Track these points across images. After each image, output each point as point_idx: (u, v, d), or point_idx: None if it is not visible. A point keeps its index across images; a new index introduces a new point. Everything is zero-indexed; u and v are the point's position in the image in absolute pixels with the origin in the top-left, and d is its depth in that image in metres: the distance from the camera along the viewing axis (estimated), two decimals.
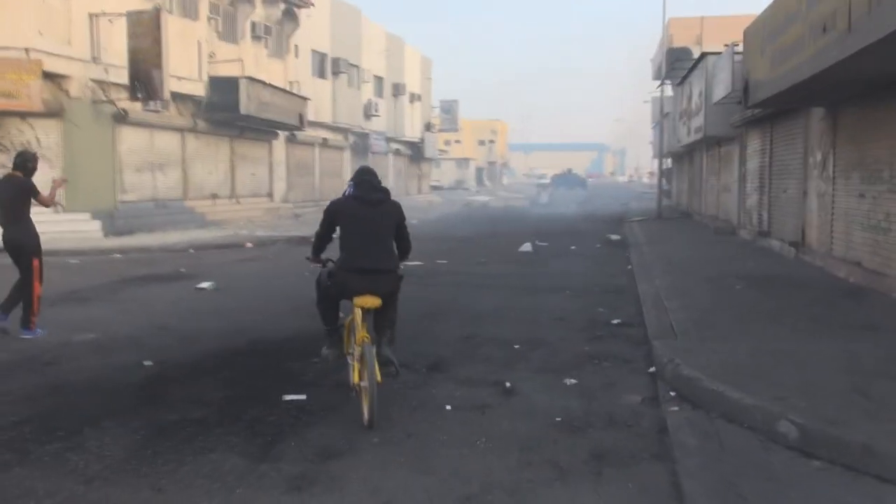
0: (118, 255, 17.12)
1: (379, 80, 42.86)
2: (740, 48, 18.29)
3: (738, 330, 8.37)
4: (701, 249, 18.15)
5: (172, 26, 21.14)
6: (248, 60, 26.97)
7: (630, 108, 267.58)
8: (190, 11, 24.08)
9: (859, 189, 11.92)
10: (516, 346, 8.04)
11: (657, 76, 41.08)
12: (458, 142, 79.75)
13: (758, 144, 19.58)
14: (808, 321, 8.84)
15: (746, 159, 21.09)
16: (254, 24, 27.64)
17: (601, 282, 13.27)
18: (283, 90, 28.59)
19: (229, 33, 26.52)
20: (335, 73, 36.26)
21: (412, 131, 50.04)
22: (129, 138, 21.74)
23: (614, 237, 22.39)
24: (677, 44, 33.55)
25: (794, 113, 15.69)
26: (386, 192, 6.08)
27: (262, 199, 30.24)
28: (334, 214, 5.97)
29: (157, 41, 19.58)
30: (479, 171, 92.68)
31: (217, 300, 11.14)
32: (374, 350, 5.50)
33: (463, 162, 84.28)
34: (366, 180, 5.97)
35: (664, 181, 51.36)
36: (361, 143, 40.60)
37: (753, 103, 13.32)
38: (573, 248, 19.70)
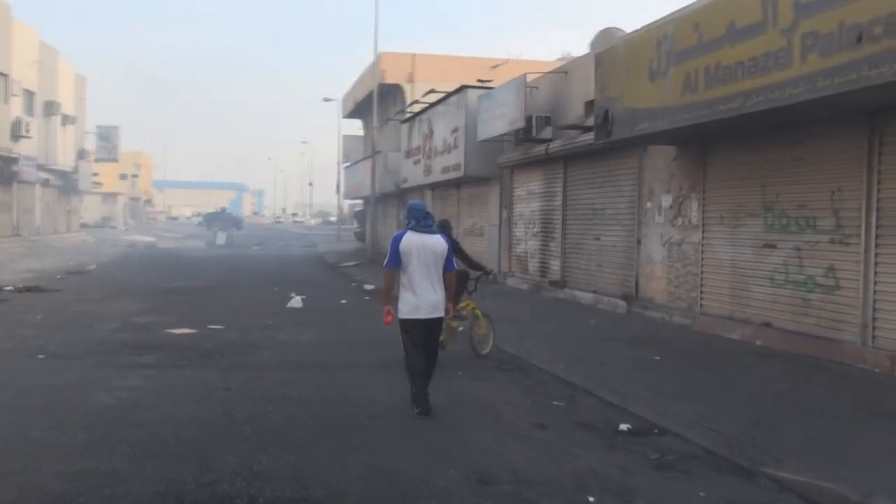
0: None
1: (30, 94, 35.00)
2: (530, 79, 16.84)
3: (843, 439, 6.09)
4: (495, 300, 16.04)
5: None
6: None
7: (277, 148, 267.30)
8: None
9: (764, 238, 10.50)
10: (591, 499, 4.80)
11: (358, 113, 39.18)
12: (95, 174, 70.26)
13: (538, 186, 18.10)
14: (857, 411, 6.90)
15: (514, 202, 19.59)
16: None
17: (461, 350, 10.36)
18: None
19: None
20: None
21: (65, 159, 42.09)
22: None
23: (368, 286, 19.46)
24: (389, 80, 31.78)
25: (616, 153, 14.26)
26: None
27: None
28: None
29: None
30: (124, 207, 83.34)
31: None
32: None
33: (110, 197, 74.49)
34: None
35: (356, 223, 49.97)
36: (6, 169, 32.60)
37: (626, 136, 11.38)
38: (343, 301, 16.47)
